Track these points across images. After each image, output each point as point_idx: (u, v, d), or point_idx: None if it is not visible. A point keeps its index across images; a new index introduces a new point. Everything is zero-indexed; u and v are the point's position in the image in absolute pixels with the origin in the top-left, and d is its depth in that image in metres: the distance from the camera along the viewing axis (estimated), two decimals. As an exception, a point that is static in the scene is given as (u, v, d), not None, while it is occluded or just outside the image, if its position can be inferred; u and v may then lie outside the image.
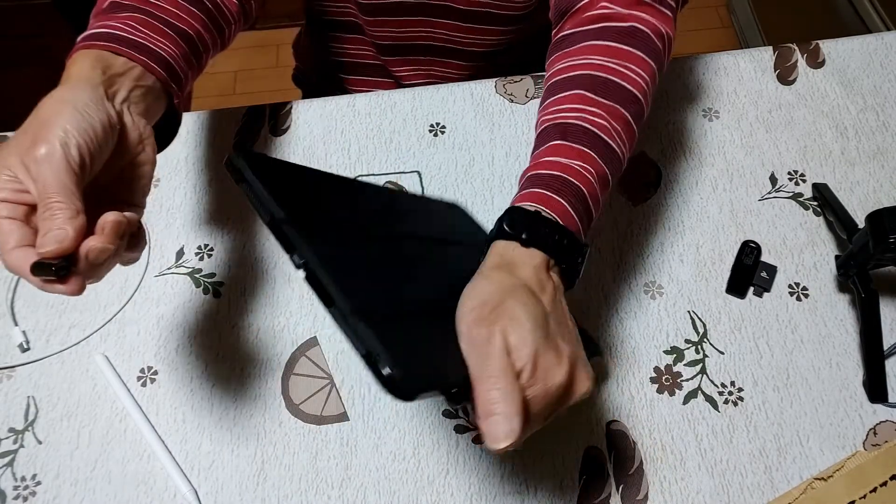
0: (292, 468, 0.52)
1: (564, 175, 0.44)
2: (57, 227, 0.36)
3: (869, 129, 0.68)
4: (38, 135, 0.38)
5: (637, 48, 0.50)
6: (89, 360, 0.57)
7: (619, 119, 0.47)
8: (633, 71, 0.49)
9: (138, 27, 0.47)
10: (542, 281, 0.40)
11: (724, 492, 0.51)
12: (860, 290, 0.55)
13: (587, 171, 0.45)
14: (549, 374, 0.37)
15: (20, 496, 0.51)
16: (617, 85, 0.48)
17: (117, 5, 0.48)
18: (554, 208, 0.43)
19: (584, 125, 0.47)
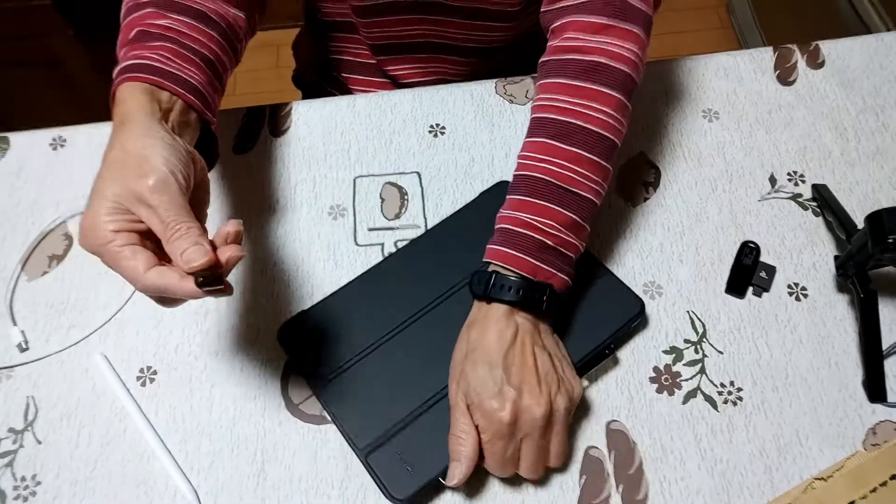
0: (292, 468, 0.52)
1: (527, 232, 0.51)
2: (194, 242, 0.40)
3: (868, 130, 0.68)
4: (143, 167, 0.41)
5: (600, 84, 0.53)
6: (89, 359, 0.57)
7: (585, 163, 0.52)
8: (596, 110, 0.52)
9: (171, 58, 0.49)
10: (503, 329, 0.49)
11: (724, 492, 0.51)
12: (859, 291, 0.55)
13: (549, 225, 0.51)
14: (493, 419, 0.47)
15: (20, 496, 0.51)
16: (580, 128, 0.52)
17: (145, 34, 0.50)
18: (512, 263, 0.50)
19: (548, 178, 0.52)
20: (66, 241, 0.62)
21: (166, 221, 0.40)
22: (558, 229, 0.51)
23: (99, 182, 0.42)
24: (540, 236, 0.51)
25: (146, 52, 0.49)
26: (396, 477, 0.50)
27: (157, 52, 0.49)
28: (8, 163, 0.67)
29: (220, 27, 0.54)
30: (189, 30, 0.51)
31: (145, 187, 0.41)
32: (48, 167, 0.66)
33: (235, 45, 0.56)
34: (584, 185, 0.52)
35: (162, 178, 0.41)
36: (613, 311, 0.56)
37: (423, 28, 0.71)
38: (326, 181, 0.66)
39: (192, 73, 0.50)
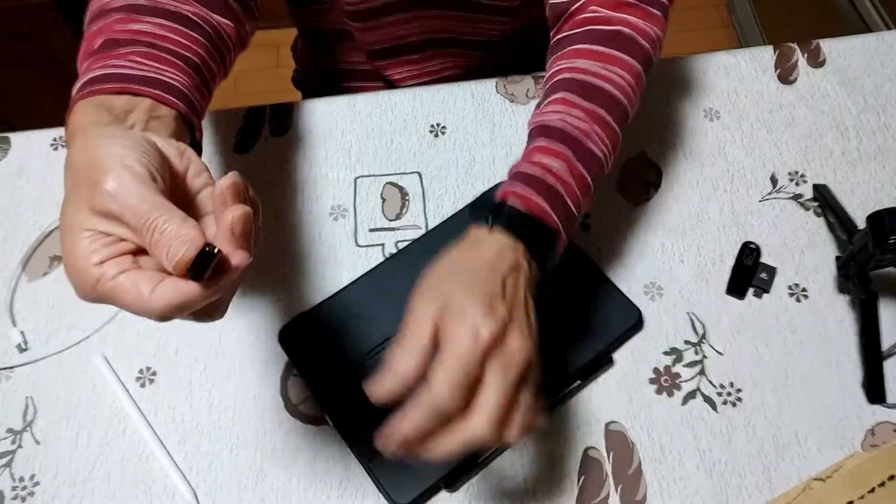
0: (292, 468, 0.52)
1: (541, 172, 0.46)
2: (174, 236, 0.32)
3: (870, 130, 0.68)
4: (93, 177, 0.33)
5: (621, 51, 0.51)
6: (88, 360, 0.57)
7: (599, 121, 0.49)
8: (616, 74, 0.51)
9: (143, 61, 0.42)
10: (502, 253, 0.42)
11: (723, 492, 0.51)
12: (860, 291, 0.55)
13: (564, 170, 0.47)
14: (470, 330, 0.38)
15: (18, 497, 0.51)
16: (599, 88, 0.50)
17: (113, 42, 0.43)
18: (521, 198, 0.45)
19: (563, 128, 0.48)
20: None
21: (137, 226, 0.33)
22: (570, 183, 0.47)
23: (63, 219, 0.35)
24: (555, 182, 0.46)
25: (111, 62, 0.42)
26: (398, 482, 0.50)
27: (123, 57, 0.42)
28: (8, 163, 0.67)
29: (206, 32, 0.47)
30: (168, 32, 0.45)
31: (104, 196, 0.33)
32: (48, 167, 0.66)
33: (224, 53, 0.50)
34: (597, 144, 0.49)
35: (116, 175, 0.33)
36: (611, 320, 0.56)
37: (419, 25, 0.71)
38: (327, 181, 0.65)
39: (171, 75, 0.43)
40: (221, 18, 0.50)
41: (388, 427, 0.38)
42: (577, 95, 0.50)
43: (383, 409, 0.52)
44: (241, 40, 0.53)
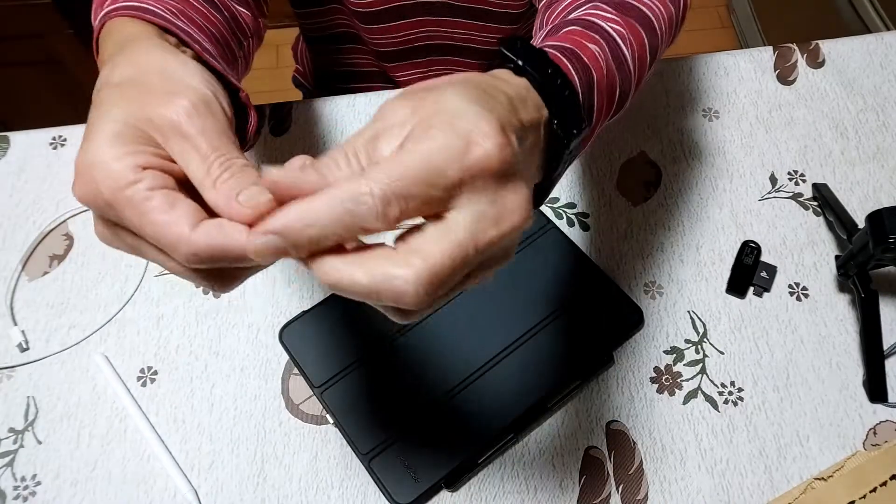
0: (292, 468, 0.52)
1: (576, 49, 0.36)
2: (252, 182, 0.27)
3: (869, 130, 0.68)
4: (173, 87, 0.28)
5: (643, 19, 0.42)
6: (89, 360, 0.57)
7: (636, 36, 0.40)
8: (655, 6, 0.42)
9: (177, 14, 0.37)
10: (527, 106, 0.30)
11: (724, 492, 0.51)
12: (860, 290, 0.55)
13: (600, 57, 0.36)
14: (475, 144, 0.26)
15: (20, 496, 0.51)
16: (636, 7, 0.41)
17: None
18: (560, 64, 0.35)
19: (601, 23, 0.39)
20: (66, 240, 0.62)
21: (210, 156, 0.27)
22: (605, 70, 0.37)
23: (104, 104, 0.29)
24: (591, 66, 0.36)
25: (144, 3, 0.36)
26: (399, 482, 0.50)
27: (159, 4, 0.36)
28: (8, 163, 0.67)
29: (226, 15, 0.44)
30: (193, 2, 0.40)
31: (181, 109, 0.28)
32: (48, 167, 0.66)
33: (241, 40, 0.46)
34: (632, 58, 0.40)
35: (203, 98, 0.28)
36: (611, 319, 0.56)
37: (428, 31, 0.71)
38: (326, 181, 0.65)
39: (203, 38, 0.38)
40: (239, 7, 0.46)
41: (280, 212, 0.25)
42: (614, 6, 0.40)
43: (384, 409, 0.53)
44: (257, 32, 0.49)
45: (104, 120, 0.28)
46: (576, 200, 0.64)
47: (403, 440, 0.51)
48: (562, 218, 0.63)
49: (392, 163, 0.25)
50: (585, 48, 0.36)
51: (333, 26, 0.74)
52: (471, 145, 0.26)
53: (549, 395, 0.53)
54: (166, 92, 0.28)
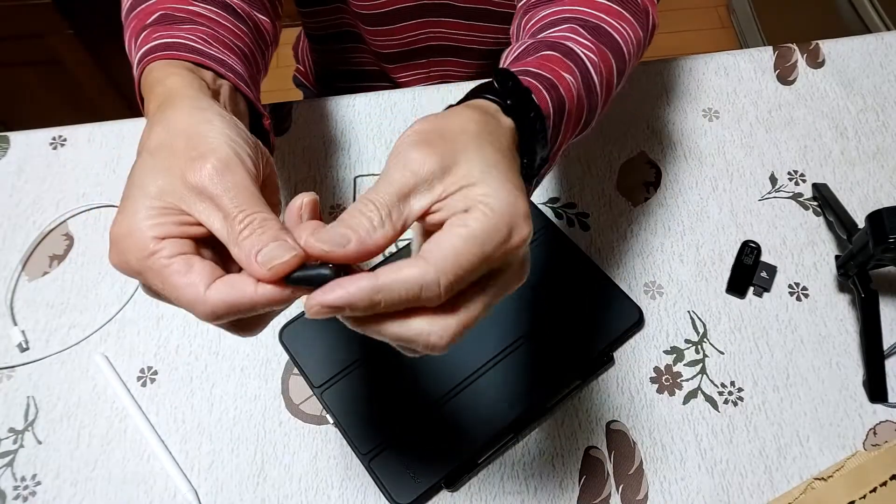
0: (292, 468, 0.52)
1: (554, 81, 0.38)
2: (273, 238, 0.29)
3: (869, 130, 0.68)
4: (197, 149, 0.31)
5: (629, 12, 0.45)
6: (89, 360, 0.57)
7: (606, 63, 0.42)
8: (624, 29, 0.45)
9: (209, 41, 0.40)
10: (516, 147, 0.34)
11: (724, 492, 0.51)
12: (860, 290, 0.55)
13: (573, 87, 0.39)
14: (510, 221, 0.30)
15: (20, 496, 0.51)
16: (608, 33, 0.44)
17: (170, 17, 0.41)
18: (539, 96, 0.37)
19: (577, 50, 0.41)
20: (66, 241, 0.62)
21: (232, 213, 0.30)
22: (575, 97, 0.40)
23: (136, 175, 0.32)
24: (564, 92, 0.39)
25: (176, 33, 0.39)
26: (399, 482, 0.50)
27: (190, 33, 0.40)
28: (8, 163, 0.67)
29: (250, 25, 0.46)
30: (221, 19, 0.43)
31: (204, 172, 0.30)
32: (48, 167, 0.66)
33: (264, 49, 0.48)
34: (599, 84, 0.42)
35: (224, 158, 0.31)
36: (611, 319, 0.56)
37: (429, 32, 0.71)
38: (327, 181, 0.65)
39: (234, 61, 0.41)
40: (260, 15, 0.48)
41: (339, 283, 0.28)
42: (586, 31, 0.43)
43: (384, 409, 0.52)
44: (275, 38, 0.51)
45: (136, 194, 0.31)
46: (576, 200, 0.64)
47: (403, 440, 0.51)
48: (562, 218, 0.63)
49: (451, 253, 0.29)
50: (562, 79, 0.39)
51: (338, 25, 0.74)
52: (514, 231, 0.31)
53: (549, 395, 0.53)
54: (191, 158, 0.31)
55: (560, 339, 0.55)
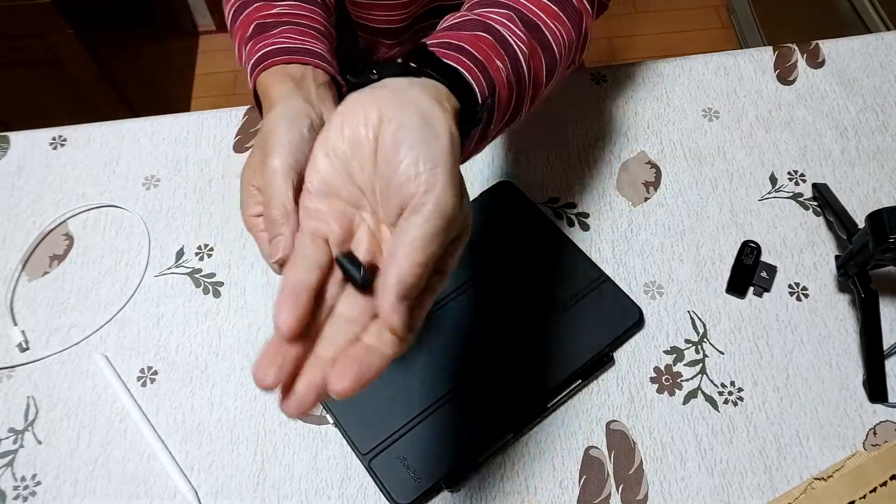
0: (292, 468, 0.52)
1: (485, 64, 0.40)
2: (276, 233, 0.36)
3: (869, 130, 0.68)
4: (265, 149, 0.39)
5: (567, 16, 0.47)
6: (89, 360, 0.57)
7: (536, 59, 0.44)
8: (558, 30, 0.46)
9: (296, 37, 0.49)
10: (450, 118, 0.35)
11: (724, 492, 0.51)
12: (860, 290, 0.55)
13: (502, 72, 0.41)
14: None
15: (20, 496, 0.51)
16: (542, 31, 0.45)
17: (262, 26, 0.50)
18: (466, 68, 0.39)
19: (510, 39, 0.43)
20: (66, 240, 0.62)
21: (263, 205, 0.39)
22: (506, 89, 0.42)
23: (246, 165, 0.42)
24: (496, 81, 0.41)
25: (270, 41, 0.48)
26: (399, 482, 0.50)
27: (280, 36, 0.49)
28: (8, 162, 0.67)
29: (320, 3, 0.54)
30: (300, 10, 0.51)
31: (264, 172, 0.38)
32: (48, 167, 0.66)
33: (331, 18, 0.56)
34: (528, 81, 0.44)
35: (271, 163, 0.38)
36: (611, 319, 0.56)
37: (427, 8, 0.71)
38: (326, 181, 0.65)
39: (315, 44, 0.49)
40: None
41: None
42: (524, 25, 0.44)
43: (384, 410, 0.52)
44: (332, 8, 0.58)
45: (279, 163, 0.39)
46: (576, 200, 0.64)
47: (403, 440, 0.51)
48: (562, 218, 0.63)
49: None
50: (493, 62, 0.41)
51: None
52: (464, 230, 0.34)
53: (549, 395, 0.53)
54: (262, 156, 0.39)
55: (560, 339, 0.55)
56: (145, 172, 0.66)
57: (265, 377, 0.32)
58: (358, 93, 0.35)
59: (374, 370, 0.31)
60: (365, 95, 0.34)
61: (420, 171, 0.32)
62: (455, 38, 0.41)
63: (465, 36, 0.42)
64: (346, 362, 0.31)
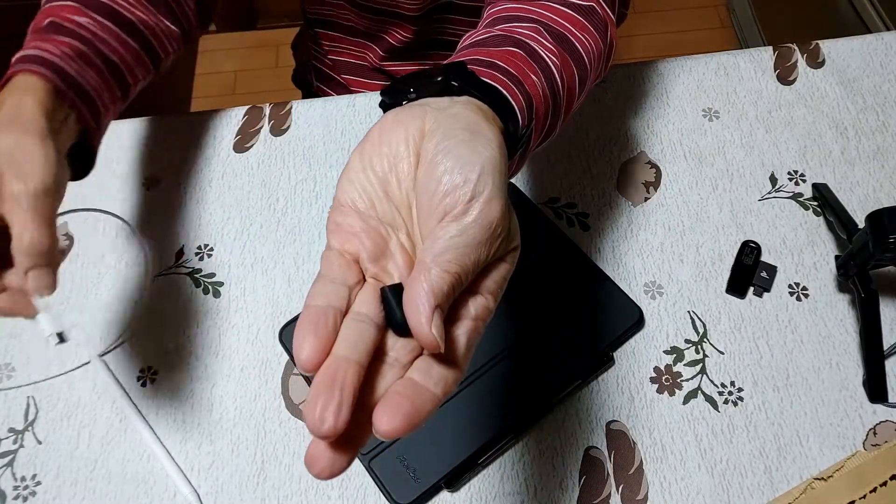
0: (292, 468, 0.52)
1: (521, 79, 0.38)
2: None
3: (869, 129, 0.68)
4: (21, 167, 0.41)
5: (593, 26, 0.45)
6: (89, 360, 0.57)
7: (568, 71, 0.42)
8: (587, 41, 0.45)
9: (74, 57, 0.48)
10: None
11: (724, 492, 0.51)
12: (860, 290, 0.55)
13: (539, 87, 0.39)
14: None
15: (20, 496, 0.51)
16: (571, 43, 0.43)
17: (57, 26, 0.49)
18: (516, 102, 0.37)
19: (541, 53, 0.41)
20: (66, 241, 0.62)
21: None
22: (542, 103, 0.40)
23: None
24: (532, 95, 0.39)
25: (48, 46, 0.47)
26: (399, 482, 0.50)
27: (62, 46, 0.48)
28: (8, 163, 0.67)
29: (144, 38, 0.53)
30: (104, 32, 0.51)
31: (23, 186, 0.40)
32: (48, 167, 0.66)
33: (158, 58, 0.56)
34: (562, 95, 0.42)
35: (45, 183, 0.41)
36: (611, 319, 0.56)
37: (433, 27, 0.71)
38: (326, 180, 0.65)
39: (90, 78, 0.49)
40: (171, 26, 0.56)
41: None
42: (552, 37, 0.42)
43: None
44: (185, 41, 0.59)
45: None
46: (576, 200, 0.64)
47: (403, 440, 0.51)
48: (562, 218, 0.63)
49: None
50: (528, 77, 0.39)
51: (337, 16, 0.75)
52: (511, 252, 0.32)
53: (548, 395, 0.53)
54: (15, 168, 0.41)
55: (560, 339, 0.55)
56: (145, 172, 0.66)
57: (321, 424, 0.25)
58: (398, 109, 0.33)
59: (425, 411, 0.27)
60: (405, 111, 0.33)
61: (466, 180, 0.29)
62: (485, 54, 0.39)
63: (495, 52, 0.39)
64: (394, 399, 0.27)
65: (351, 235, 0.31)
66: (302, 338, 0.27)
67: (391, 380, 0.28)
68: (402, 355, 0.29)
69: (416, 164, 0.31)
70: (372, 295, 0.30)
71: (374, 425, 0.26)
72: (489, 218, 0.29)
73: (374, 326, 0.29)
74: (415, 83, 0.36)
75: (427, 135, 0.31)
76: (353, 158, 0.33)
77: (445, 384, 0.29)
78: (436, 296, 0.27)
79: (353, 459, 0.27)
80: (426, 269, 0.28)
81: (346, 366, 0.27)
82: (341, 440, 0.26)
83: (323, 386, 0.26)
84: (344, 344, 0.27)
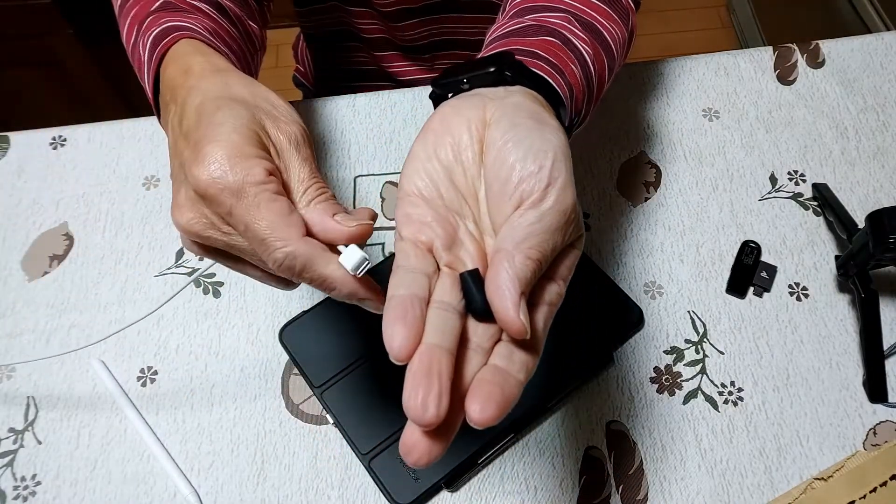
0: (292, 468, 0.52)
1: (562, 68, 0.39)
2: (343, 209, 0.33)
3: (869, 130, 0.68)
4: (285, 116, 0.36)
5: (617, 15, 0.46)
6: (88, 360, 0.57)
7: (599, 60, 0.43)
8: (613, 29, 0.45)
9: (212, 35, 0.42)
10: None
11: (724, 492, 0.51)
12: (860, 291, 0.55)
13: (578, 76, 0.39)
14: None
15: (20, 496, 0.51)
16: (600, 32, 0.44)
17: (172, 5, 0.43)
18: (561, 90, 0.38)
19: (575, 42, 0.41)
20: (66, 240, 0.62)
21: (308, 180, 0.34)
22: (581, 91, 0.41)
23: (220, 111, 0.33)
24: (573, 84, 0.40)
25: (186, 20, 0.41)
26: (399, 482, 0.50)
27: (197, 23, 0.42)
28: (8, 162, 0.67)
29: (240, 29, 0.48)
30: (217, 17, 0.45)
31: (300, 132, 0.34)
32: (48, 167, 0.66)
33: (253, 55, 0.50)
34: (595, 82, 0.43)
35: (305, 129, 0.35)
36: (611, 319, 0.56)
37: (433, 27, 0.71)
38: (327, 180, 0.65)
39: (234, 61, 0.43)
40: (250, 21, 0.49)
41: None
42: (581, 25, 0.43)
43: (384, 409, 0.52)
44: (263, 45, 0.53)
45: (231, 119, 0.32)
46: (576, 200, 0.64)
47: None
48: (562, 218, 0.63)
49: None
50: (568, 66, 0.39)
51: (334, 24, 0.74)
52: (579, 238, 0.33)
53: (549, 395, 0.53)
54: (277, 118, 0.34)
55: (560, 339, 0.55)
56: (145, 172, 0.66)
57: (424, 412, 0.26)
58: (455, 99, 0.33)
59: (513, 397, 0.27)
60: (463, 101, 0.33)
61: (542, 167, 0.30)
62: (524, 44, 0.39)
63: (534, 42, 0.39)
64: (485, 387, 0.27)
65: (423, 225, 0.31)
66: (392, 327, 0.27)
67: (477, 366, 0.28)
68: (483, 341, 0.29)
69: (479, 152, 0.31)
70: (449, 283, 0.30)
71: (468, 414, 0.26)
72: (565, 204, 0.30)
73: (456, 314, 0.29)
74: (467, 74, 0.36)
75: (492, 124, 0.31)
76: (416, 148, 0.33)
77: (527, 369, 0.29)
78: (521, 282, 0.27)
79: (447, 446, 0.27)
80: (509, 255, 0.28)
81: (440, 353, 0.27)
82: (437, 427, 0.26)
83: (421, 375, 0.26)
84: (433, 332, 0.28)
